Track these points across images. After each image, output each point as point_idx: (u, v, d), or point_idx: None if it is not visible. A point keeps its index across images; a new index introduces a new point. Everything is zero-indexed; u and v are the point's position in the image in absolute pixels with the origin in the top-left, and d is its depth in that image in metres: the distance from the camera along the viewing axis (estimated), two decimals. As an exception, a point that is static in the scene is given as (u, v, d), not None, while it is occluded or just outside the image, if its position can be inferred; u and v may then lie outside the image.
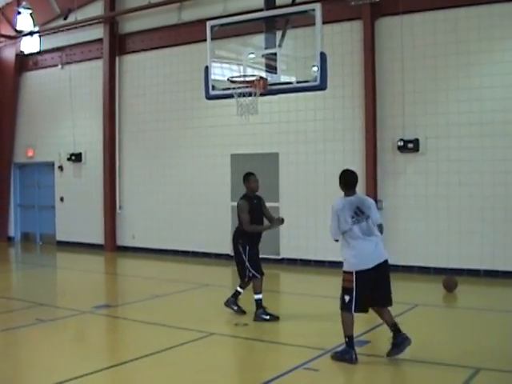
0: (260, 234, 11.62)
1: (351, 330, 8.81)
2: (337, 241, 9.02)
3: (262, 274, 11.46)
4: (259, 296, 11.35)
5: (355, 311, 8.77)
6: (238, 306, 11.72)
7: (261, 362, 8.93)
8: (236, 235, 11.68)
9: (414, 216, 15.92)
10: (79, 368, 8.43)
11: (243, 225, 11.41)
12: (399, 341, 8.79)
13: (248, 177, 11.67)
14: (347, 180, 9.24)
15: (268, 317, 11.22)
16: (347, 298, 8.76)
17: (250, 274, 11.39)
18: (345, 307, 8.81)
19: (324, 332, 10.39)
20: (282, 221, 11.66)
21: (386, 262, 8.90)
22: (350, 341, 8.79)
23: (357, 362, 8.66)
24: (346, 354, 8.73)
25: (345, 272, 8.85)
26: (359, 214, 8.87)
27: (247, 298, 11.79)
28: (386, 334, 10.25)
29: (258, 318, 11.25)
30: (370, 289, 8.75)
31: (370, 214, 8.93)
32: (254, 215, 11.46)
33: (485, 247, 15.08)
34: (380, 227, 9.09)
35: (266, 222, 11.79)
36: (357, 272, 8.68)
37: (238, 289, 11.79)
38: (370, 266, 8.71)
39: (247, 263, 11.37)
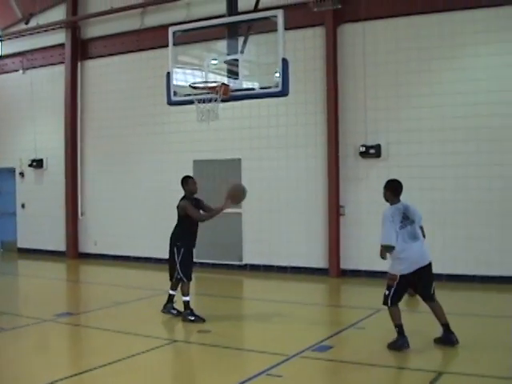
0: (196, 239, 11.97)
1: (399, 319, 9.53)
2: (393, 248, 9.46)
3: (189, 279, 11.81)
4: (187, 298, 11.69)
5: (391, 305, 9.54)
6: (178, 311, 11.95)
7: (224, 368, 8.90)
8: (174, 237, 11.91)
9: (376, 221, 15.82)
10: (41, 377, 8.35)
11: (197, 218, 11.72)
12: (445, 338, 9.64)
13: (187, 180, 12.09)
14: (396, 189, 9.86)
15: (193, 318, 11.57)
16: (386, 292, 9.57)
17: (178, 276, 11.73)
18: (385, 301, 9.61)
19: (287, 338, 10.42)
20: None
21: (429, 264, 9.69)
22: (399, 329, 9.50)
23: (409, 347, 9.38)
24: (399, 341, 9.43)
25: (390, 275, 9.60)
26: (406, 218, 9.59)
27: (207, 304, 11.75)
28: (348, 339, 10.34)
29: (184, 318, 11.65)
30: (408, 287, 9.76)
31: (414, 218, 9.71)
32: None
33: (446, 252, 15.18)
34: (421, 229, 9.90)
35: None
36: (401, 276, 9.44)
37: (170, 292, 12.04)
38: (414, 269, 9.47)
39: (178, 265, 11.68)
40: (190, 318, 11.56)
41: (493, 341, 10.01)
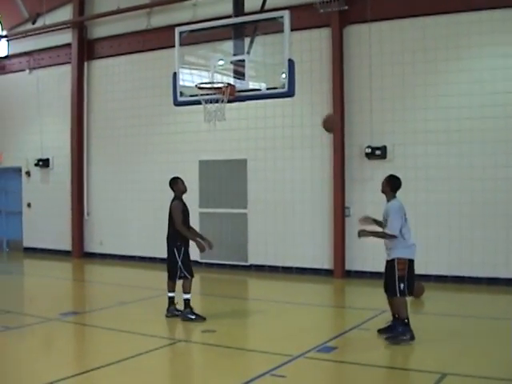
0: None
1: (407, 313, 10.03)
2: (395, 237, 10.06)
3: (192, 275, 11.93)
4: (188, 296, 11.76)
5: (409, 295, 10.17)
6: (181, 311, 11.89)
7: (228, 368, 8.91)
8: (173, 236, 12.06)
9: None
10: (46, 376, 8.35)
11: (175, 224, 11.88)
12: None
13: (176, 180, 12.22)
14: (398, 184, 10.53)
15: (194, 316, 11.63)
16: (402, 285, 10.02)
17: (182, 274, 11.84)
18: (402, 293, 10.03)
19: (291, 338, 10.42)
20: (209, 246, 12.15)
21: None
22: (408, 322, 9.98)
23: (414, 339, 9.88)
24: (407, 333, 9.91)
25: (399, 260, 10.05)
26: (404, 212, 10.30)
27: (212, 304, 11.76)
28: (353, 340, 10.34)
29: (184, 317, 11.67)
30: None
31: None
32: (185, 217, 12.05)
33: (452, 253, 15.20)
34: None
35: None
36: (409, 260, 10.06)
37: (169, 294, 12.05)
38: (414, 256, 10.18)
39: (180, 263, 11.81)
40: (190, 316, 11.60)
41: (498, 343, 10.01)
